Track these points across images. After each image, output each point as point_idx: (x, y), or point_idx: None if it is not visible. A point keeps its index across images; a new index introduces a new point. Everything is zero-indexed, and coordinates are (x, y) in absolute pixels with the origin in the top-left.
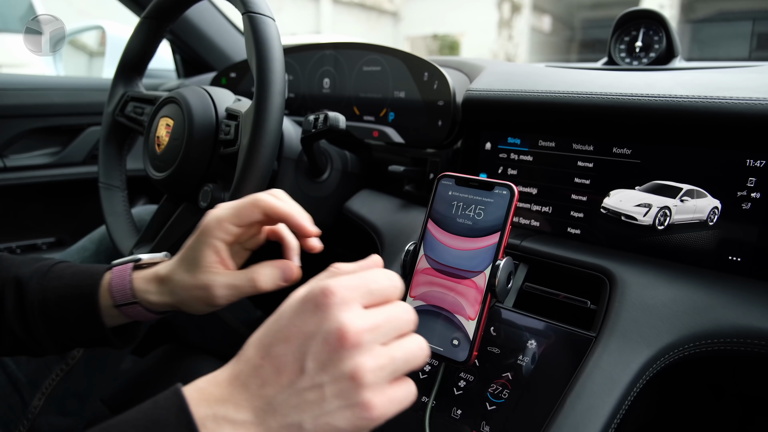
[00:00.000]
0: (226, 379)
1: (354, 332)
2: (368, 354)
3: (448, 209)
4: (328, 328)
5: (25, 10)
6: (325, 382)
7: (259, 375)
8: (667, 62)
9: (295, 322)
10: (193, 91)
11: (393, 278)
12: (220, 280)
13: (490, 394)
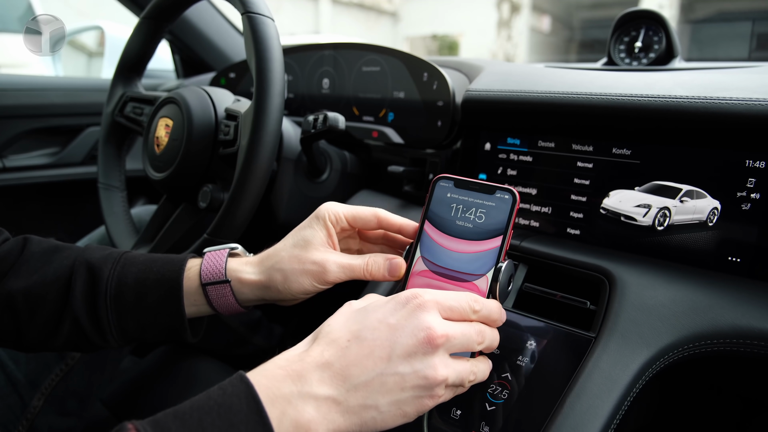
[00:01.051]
0: (310, 357)
1: (438, 334)
2: (443, 361)
3: (446, 211)
4: (418, 325)
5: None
6: (407, 372)
7: (346, 356)
8: (666, 62)
9: (386, 314)
10: (193, 92)
11: (476, 304)
12: (335, 257)
13: (490, 394)
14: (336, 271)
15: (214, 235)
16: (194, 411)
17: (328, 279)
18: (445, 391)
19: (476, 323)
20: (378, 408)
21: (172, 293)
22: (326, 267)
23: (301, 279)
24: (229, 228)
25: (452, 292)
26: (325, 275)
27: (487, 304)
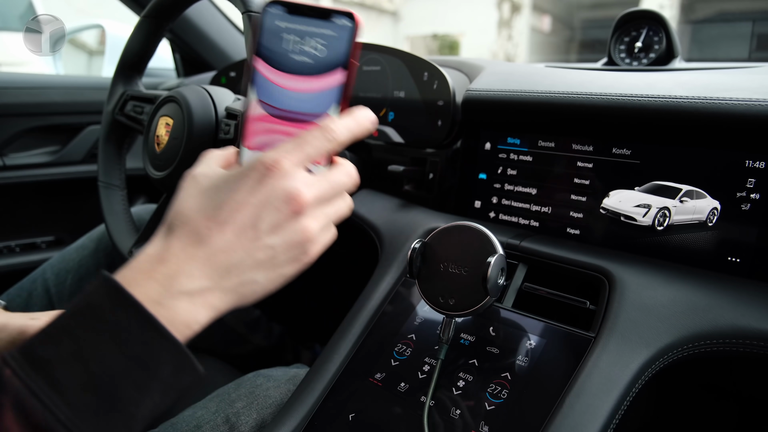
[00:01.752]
0: (170, 254)
1: (303, 201)
2: (314, 217)
3: (279, 44)
4: (280, 195)
5: (25, 8)
6: (277, 243)
7: (210, 244)
8: (666, 63)
9: (242, 191)
10: (193, 90)
11: (330, 136)
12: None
13: (489, 393)
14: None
15: None
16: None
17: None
18: (321, 239)
19: (343, 165)
20: (255, 281)
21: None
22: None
23: None
24: None
25: (302, 135)
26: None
27: (345, 122)
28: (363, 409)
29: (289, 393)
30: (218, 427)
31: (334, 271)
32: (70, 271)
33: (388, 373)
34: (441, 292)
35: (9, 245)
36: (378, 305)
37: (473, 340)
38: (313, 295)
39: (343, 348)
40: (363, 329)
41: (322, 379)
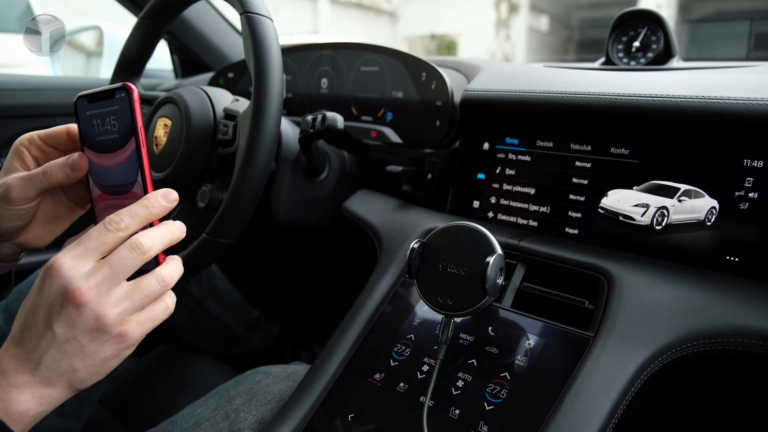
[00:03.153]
0: (3, 352)
1: (81, 292)
2: (104, 303)
3: (91, 130)
4: (60, 295)
5: (23, 10)
6: (77, 335)
7: (23, 345)
8: (664, 62)
9: (36, 296)
10: (191, 92)
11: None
12: (17, 176)
13: (489, 393)
14: (17, 185)
15: (212, 234)
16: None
17: (11, 195)
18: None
19: (131, 240)
20: (75, 370)
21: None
22: (8, 184)
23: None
24: (227, 227)
25: (88, 231)
26: (9, 193)
27: (133, 210)
28: (362, 409)
29: (288, 389)
30: (217, 424)
31: (333, 271)
32: None
33: (388, 373)
34: (440, 292)
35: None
36: (377, 305)
37: (472, 340)
38: (311, 296)
39: (343, 348)
40: (362, 329)
41: (322, 379)
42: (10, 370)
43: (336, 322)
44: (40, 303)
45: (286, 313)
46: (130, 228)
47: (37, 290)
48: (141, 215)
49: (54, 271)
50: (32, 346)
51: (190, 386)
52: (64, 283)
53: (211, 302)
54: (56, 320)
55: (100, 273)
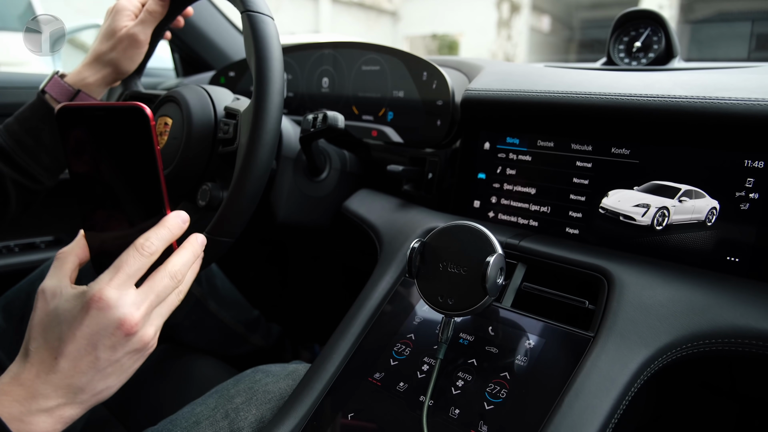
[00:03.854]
0: (27, 379)
1: (134, 323)
2: (147, 325)
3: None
4: (111, 325)
5: (24, 8)
6: (119, 357)
7: (57, 371)
8: (665, 62)
9: (78, 325)
10: (192, 90)
11: (144, 252)
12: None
13: (488, 393)
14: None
15: (213, 233)
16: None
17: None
18: (156, 337)
19: (165, 268)
20: (108, 387)
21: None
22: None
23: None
24: (228, 226)
25: (121, 258)
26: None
27: (159, 233)
28: (362, 408)
29: (288, 388)
30: (217, 422)
31: (333, 271)
32: None
33: (387, 373)
34: (440, 291)
35: (8, 245)
36: (377, 305)
37: (472, 340)
38: (311, 295)
39: (343, 347)
40: (362, 329)
41: (322, 379)
42: (41, 396)
43: (336, 322)
44: (83, 332)
45: (286, 313)
46: (159, 251)
47: (77, 320)
48: (166, 237)
49: (104, 304)
50: (71, 372)
51: (190, 385)
52: (117, 315)
53: (211, 301)
54: (102, 346)
55: (147, 302)
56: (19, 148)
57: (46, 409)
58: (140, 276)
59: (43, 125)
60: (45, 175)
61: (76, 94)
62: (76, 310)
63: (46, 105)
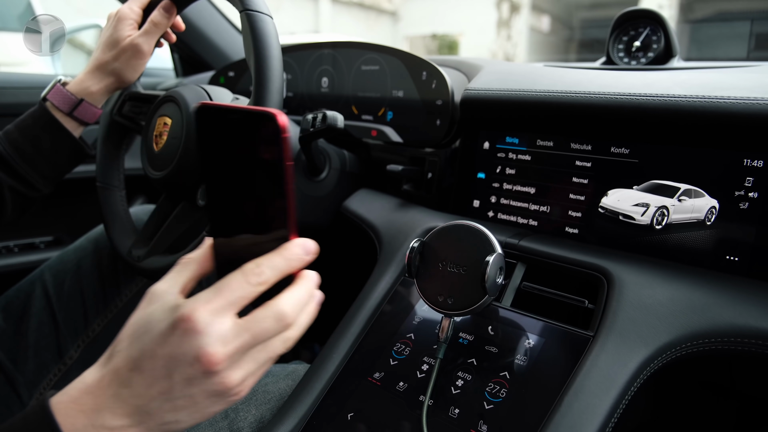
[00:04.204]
0: (99, 389)
1: (216, 360)
2: (233, 369)
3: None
4: (192, 354)
5: (24, 8)
6: (194, 393)
7: (129, 386)
8: (665, 62)
9: (159, 342)
10: (191, 90)
11: (253, 280)
12: (139, 35)
13: (488, 393)
14: (144, 41)
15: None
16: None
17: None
18: (249, 382)
19: (271, 307)
20: (178, 421)
21: (57, 127)
22: (136, 43)
23: (131, 62)
24: None
25: (226, 281)
26: (140, 48)
27: (273, 262)
28: (362, 408)
29: (287, 388)
30: (217, 422)
31: (332, 270)
32: (68, 272)
33: (387, 373)
34: (440, 291)
35: (8, 245)
36: (377, 305)
37: (472, 340)
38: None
39: (342, 347)
40: (362, 329)
41: (321, 379)
42: (108, 411)
43: (336, 322)
44: (163, 351)
45: None
46: (270, 282)
47: (161, 335)
48: (280, 268)
49: (190, 326)
50: (141, 390)
51: None
52: (199, 344)
53: None
54: (177, 375)
55: (238, 341)
56: (18, 155)
57: (110, 427)
58: (242, 306)
59: (43, 133)
60: (42, 182)
61: (79, 103)
62: (164, 324)
63: (48, 113)
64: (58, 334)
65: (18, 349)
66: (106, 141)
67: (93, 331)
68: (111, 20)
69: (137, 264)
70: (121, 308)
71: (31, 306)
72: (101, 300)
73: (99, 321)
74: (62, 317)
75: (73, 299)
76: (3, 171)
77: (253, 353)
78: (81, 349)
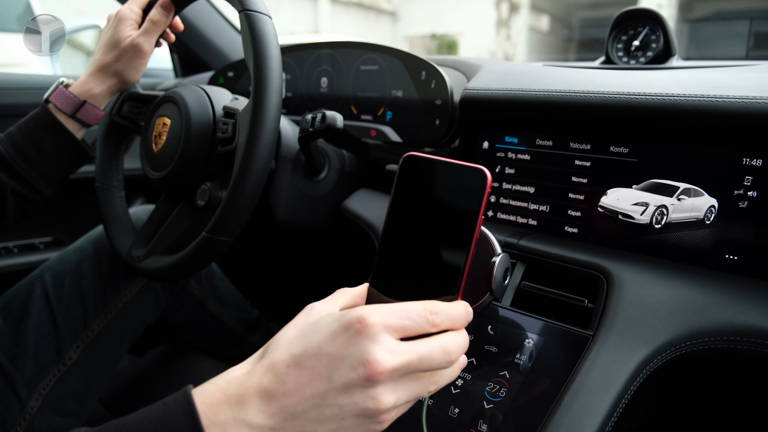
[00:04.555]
0: (249, 381)
1: (380, 370)
2: (391, 389)
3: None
4: (358, 357)
5: (23, 9)
6: (347, 404)
7: (284, 383)
8: (664, 61)
9: (327, 340)
10: (191, 90)
11: (431, 319)
12: (139, 34)
13: (488, 392)
14: (144, 40)
15: (212, 233)
16: (134, 424)
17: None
18: (395, 413)
19: (440, 339)
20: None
21: (59, 129)
22: (136, 42)
23: (132, 62)
24: (227, 226)
25: (406, 306)
26: (141, 48)
27: (449, 312)
28: None
29: None
30: None
31: (332, 270)
32: (68, 273)
33: None
34: None
35: (7, 246)
36: None
37: (471, 339)
38: (311, 295)
39: None
40: None
41: None
42: (252, 406)
43: None
44: (329, 349)
45: (286, 313)
46: (440, 329)
47: (330, 334)
48: (452, 322)
49: (362, 327)
50: (295, 389)
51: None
52: (369, 348)
53: (211, 301)
54: (337, 378)
55: (405, 357)
56: (21, 158)
57: (252, 424)
58: (409, 335)
59: (46, 135)
60: (44, 185)
61: (82, 104)
62: (335, 324)
63: (50, 115)
64: (57, 335)
65: (17, 350)
66: (105, 141)
67: (93, 332)
68: (111, 21)
69: (137, 264)
70: (120, 309)
71: (31, 306)
72: (101, 300)
73: (99, 322)
74: (62, 318)
75: (73, 300)
76: (5, 173)
77: (411, 380)
78: (80, 350)
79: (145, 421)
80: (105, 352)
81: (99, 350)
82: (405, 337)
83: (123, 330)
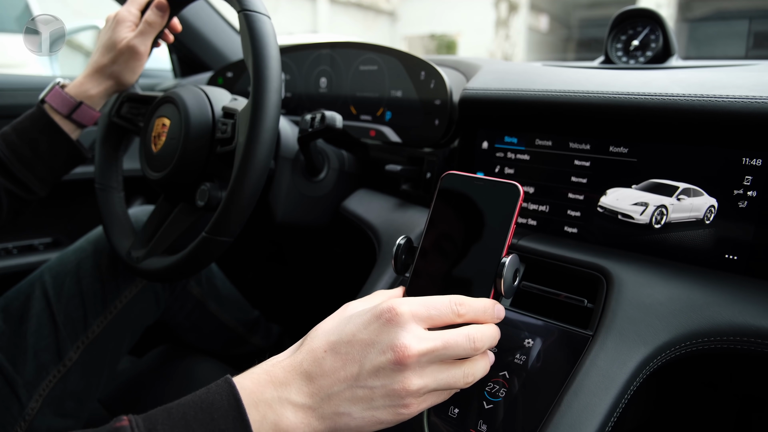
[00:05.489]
0: (291, 365)
1: (407, 353)
2: (419, 374)
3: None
4: (388, 342)
5: (22, 10)
6: (376, 386)
7: (321, 366)
8: (663, 61)
9: (361, 329)
10: (190, 91)
11: (458, 310)
12: (134, 36)
13: (487, 392)
14: (140, 41)
15: (212, 233)
16: (180, 405)
17: (140, 50)
18: (425, 398)
19: (465, 328)
20: (351, 415)
21: (54, 130)
22: (132, 44)
23: (129, 63)
24: (227, 225)
25: (434, 298)
26: (137, 49)
27: (474, 304)
28: None
29: None
30: None
31: (332, 270)
32: (68, 273)
33: None
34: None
35: (6, 247)
36: None
37: None
38: (311, 296)
39: None
40: None
41: None
42: (294, 386)
43: None
44: (362, 336)
45: (285, 313)
46: (465, 319)
47: (364, 323)
48: (477, 314)
49: (392, 316)
50: (331, 371)
51: (190, 386)
52: (397, 335)
53: (211, 302)
54: (368, 362)
55: (431, 343)
56: (16, 158)
57: (294, 402)
58: (436, 325)
59: (41, 136)
60: (39, 185)
61: (78, 105)
62: (368, 315)
63: (46, 116)
64: (57, 336)
65: (17, 351)
66: (104, 142)
67: (92, 333)
68: (109, 23)
69: (136, 265)
70: (120, 310)
71: (31, 307)
72: (101, 301)
73: (98, 322)
74: (62, 319)
75: (73, 301)
76: (0, 173)
77: (439, 367)
78: (80, 351)
79: (190, 403)
80: (105, 353)
81: (99, 351)
82: (433, 328)
83: (123, 331)
